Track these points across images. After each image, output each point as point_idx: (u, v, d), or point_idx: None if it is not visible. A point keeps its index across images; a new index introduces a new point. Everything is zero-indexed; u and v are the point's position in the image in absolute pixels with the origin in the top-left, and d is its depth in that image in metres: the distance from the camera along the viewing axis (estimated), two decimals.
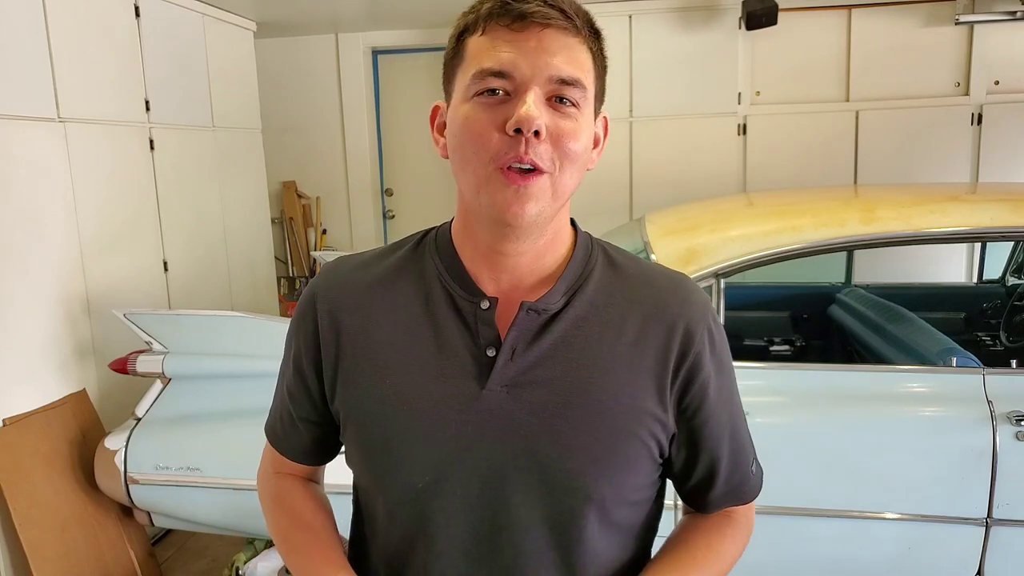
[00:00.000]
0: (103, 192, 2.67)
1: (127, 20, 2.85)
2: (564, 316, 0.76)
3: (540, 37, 0.68)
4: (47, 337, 2.40)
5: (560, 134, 0.69)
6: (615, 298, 0.78)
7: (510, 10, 0.68)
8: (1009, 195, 1.91)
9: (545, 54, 0.68)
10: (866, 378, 1.81)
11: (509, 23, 0.68)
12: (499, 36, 0.69)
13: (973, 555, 1.71)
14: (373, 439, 0.77)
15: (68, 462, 2.30)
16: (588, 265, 0.79)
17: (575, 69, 0.69)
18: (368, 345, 0.78)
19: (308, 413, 0.85)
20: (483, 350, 0.75)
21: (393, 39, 4.49)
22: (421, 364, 0.76)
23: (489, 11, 0.69)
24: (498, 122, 0.68)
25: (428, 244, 0.82)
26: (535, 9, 0.67)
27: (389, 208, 4.81)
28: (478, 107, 0.69)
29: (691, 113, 4.02)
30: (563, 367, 0.74)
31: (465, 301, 0.76)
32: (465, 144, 0.70)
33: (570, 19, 0.69)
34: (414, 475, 0.75)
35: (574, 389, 0.74)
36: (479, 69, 0.69)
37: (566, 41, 0.69)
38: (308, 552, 0.81)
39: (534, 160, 0.68)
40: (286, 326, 0.89)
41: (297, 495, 0.88)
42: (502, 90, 0.69)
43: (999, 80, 3.82)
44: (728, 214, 2.13)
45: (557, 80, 0.68)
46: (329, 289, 0.82)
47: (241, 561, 2.25)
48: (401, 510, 0.78)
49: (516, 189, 0.68)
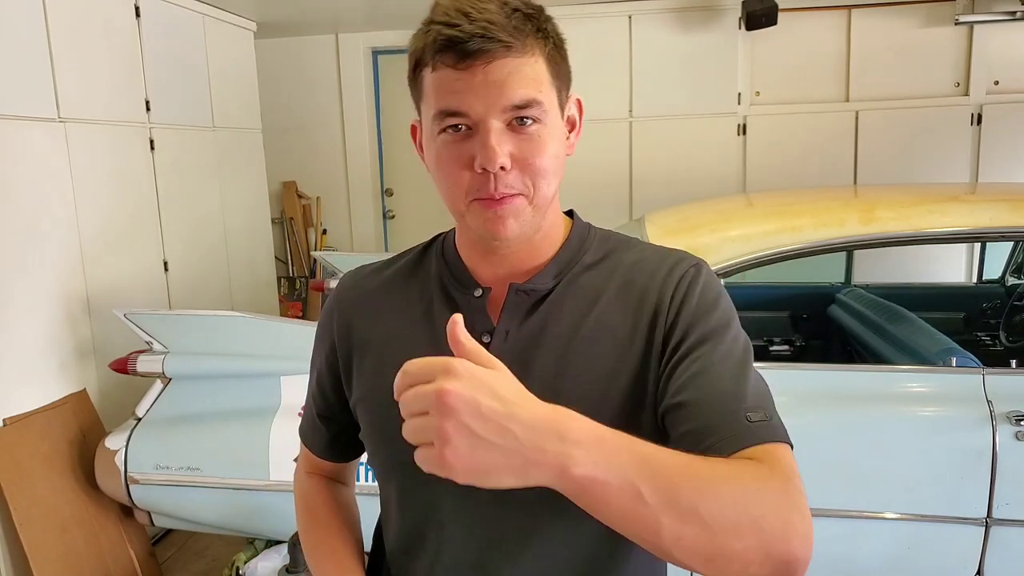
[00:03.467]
0: (103, 192, 2.67)
1: (127, 20, 2.86)
2: (553, 296, 0.78)
3: (486, 72, 0.68)
4: (47, 337, 2.40)
5: (526, 156, 0.71)
6: (605, 274, 0.79)
7: (453, 48, 0.68)
8: (1009, 195, 1.91)
9: (493, 87, 0.68)
10: (866, 378, 1.81)
11: (454, 63, 0.69)
12: (447, 76, 0.69)
13: (973, 555, 1.71)
14: (382, 427, 0.80)
15: (68, 462, 2.30)
16: (582, 249, 0.81)
17: (527, 90, 0.69)
18: (376, 342, 0.83)
19: (325, 410, 0.90)
20: (479, 337, 0.77)
21: (393, 39, 4.49)
22: (422, 355, 0.77)
23: (434, 48, 0.69)
24: (464, 160, 0.71)
25: (436, 247, 0.87)
26: (476, 48, 0.67)
27: (389, 208, 4.81)
28: (445, 145, 0.72)
29: (691, 113, 4.02)
30: (552, 344, 0.76)
31: (460, 293, 0.80)
32: (440, 180, 0.74)
33: (510, 43, 0.68)
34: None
35: (566, 364, 0.75)
36: (436, 111, 0.71)
37: (513, 65, 0.69)
38: (321, 551, 0.87)
39: (504, 192, 0.71)
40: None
41: (321, 495, 0.93)
42: (463, 125, 0.70)
43: (999, 80, 3.82)
44: (728, 214, 2.13)
45: (511, 108, 0.69)
46: (345, 292, 0.88)
47: (241, 561, 2.25)
48: (411, 497, 0.81)
49: (495, 212, 0.72)
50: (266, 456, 1.93)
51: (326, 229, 4.73)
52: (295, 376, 1.97)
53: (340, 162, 4.65)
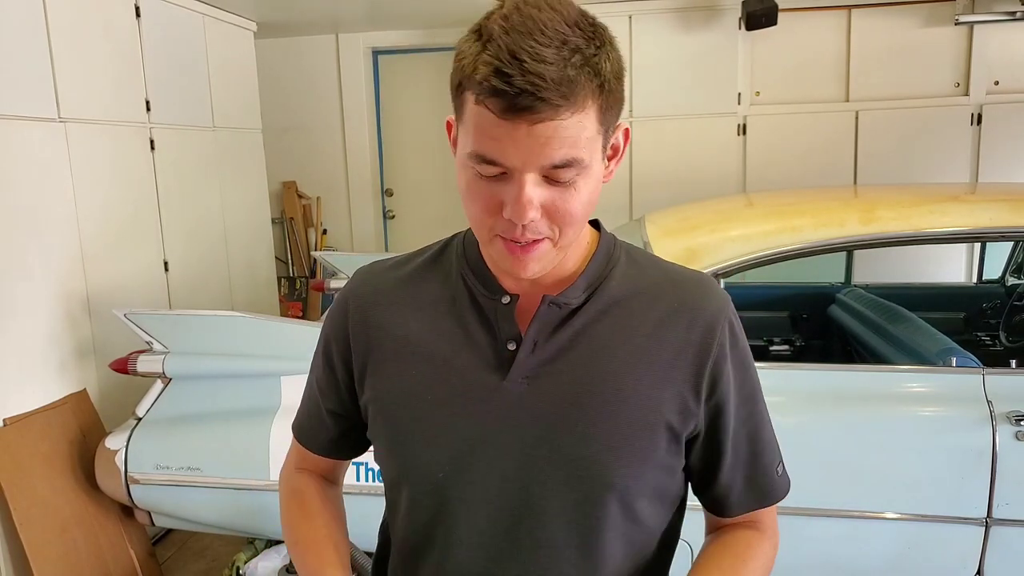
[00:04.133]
0: (103, 192, 2.67)
1: (128, 20, 2.86)
2: (585, 310, 0.77)
3: (530, 130, 0.64)
4: (47, 337, 2.40)
5: (557, 206, 0.68)
6: (636, 293, 0.79)
7: (499, 101, 0.63)
8: (1009, 195, 1.91)
9: (536, 145, 0.65)
10: (866, 378, 1.81)
11: (498, 111, 0.64)
12: (489, 119, 0.65)
13: (972, 555, 1.71)
14: (398, 428, 0.80)
15: (68, 462, 2.30)
16: (609, 264, 0.81)
17: (570, 150, 0.66)
18: (395, 339, 0.81)
19: (335, 406, 0.89)
20: (504, 344, 0.77)
21: (393, 39, 4.49)
22: (445, 357, 0.78)
23: (481, 87, 0.64)
24: (494, 203, 0.68)
25: (456, 246, 0.85)
26: (526, 103, 0.62)
27: (389, 208, 4.81)
28: (477, 181, 0.69)
29: (691, 113, 4.02)
30: (582, 359, 0.76)
31: (486, 298, 0.78)
32: (467, 206, 0.72)
33: (560, 104, 0.63)
34: (436, 465, 0.77)
35: (593, 380, 0.75)
36: (473, 152, 0.67)
37: (560, 124, 0.64)
38: (306, 545, 0.85)
39: (530, 237, 0.69)
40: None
41: (310, 491, 0.92)
42: (497, 171, 0.67)
43: (999, 80, 3.82)
44: (728, 214, 2.13)
45: (550, 167, 0.66)
46: (361, 287, 0.86)
47: (241, 561, 2.25)
48: (423, 500, 0.80)
49: (517, 257, 0.71)
50: (266, 456, 1.93)
51: (326, 229, 4.73)
52: (295, 376, 1.97)
53: (340, 162, 4.66)
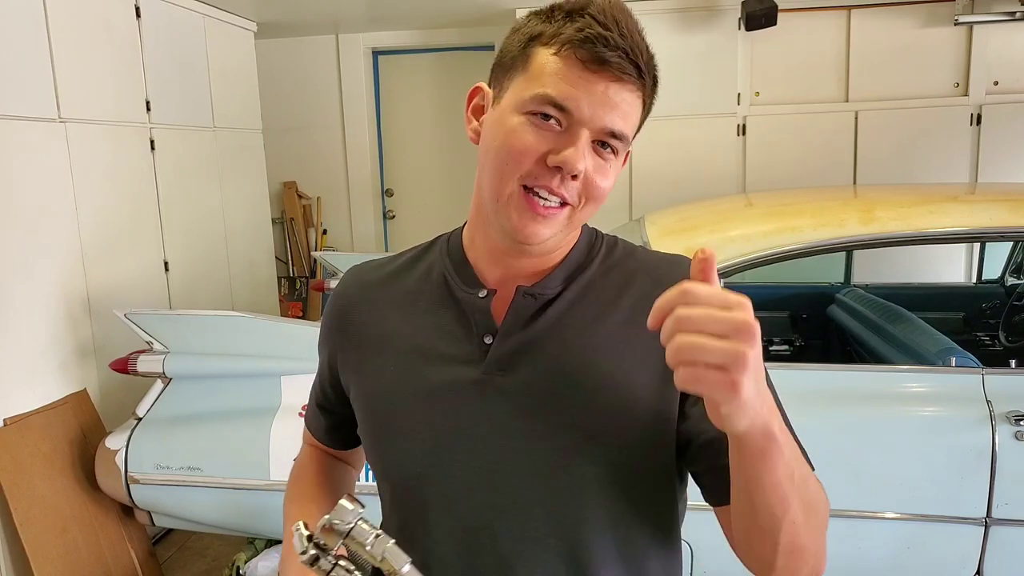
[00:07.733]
0: (104, 192, 2.68)
1: (128, 20, 2.86)
2: (560, 300, 0.78)
3: (607, 87, 0.68)
4: (48, 337, 2.40)
5: (593, 177, 0.71)
6: (613, 281, 0.79)
7: (592, 50, 0.67)
8: (1008, 195, 1.91)
9: (607, 105, 0.68)
10: (865, 378, 1.81)
11: (586, 61, 0.67)
12: (572, 68, 0.68)
13: (972, 555, 1.71)
14: (377, 424, 0.81)
15: (69, 462, 2.30)
16: (590, 255, 0.81)
17: (627, 124, 0.71)
18: (374, 336, 0.83)
19: (323, 401, 0.93)
20: (480, 337, 0.77)
21: (393, 40, 4.49)
22: (421, 353, 0.79)
23: (571, 38, 0.68)
24: (541, 150, 0.69)
25: (440, 244, 0.86)
26: (616, 60, 0.67)
27: (389, 208, 4.81)
28: (527, 126, 0.70)
29: (691, 113, 4.02)
30: (557, 347, 0.76)
31: (464, 293, 0.79)
32: (501, 154, 0.71)
33: (642, 78, 0.70)
34: (414, 459, 0.78)
35: (569, 368, 0.75)
36: (542, 93, 0.68)
37: (629, 96, 0.70)
38: (290, 499, 0.89)
39: (563, 194, 0.71)
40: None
41: (313, 459, 0.95)
42: (556, 119, 0.69)
43: (998, 80, 3.82)
44: (727, 214, 2.13)
45: (608, 132, 0.70)
46: (348, 287, 0.88)
47: (242, 561, 2.25)
48: (403, 495, 0.80)
49: (534, 215, 0.71)
50: (266, 456, 1.93)
51: (326, 229, 4.73)
52: (295, 376, 1.97)
53: (340, 162, 4.66)
